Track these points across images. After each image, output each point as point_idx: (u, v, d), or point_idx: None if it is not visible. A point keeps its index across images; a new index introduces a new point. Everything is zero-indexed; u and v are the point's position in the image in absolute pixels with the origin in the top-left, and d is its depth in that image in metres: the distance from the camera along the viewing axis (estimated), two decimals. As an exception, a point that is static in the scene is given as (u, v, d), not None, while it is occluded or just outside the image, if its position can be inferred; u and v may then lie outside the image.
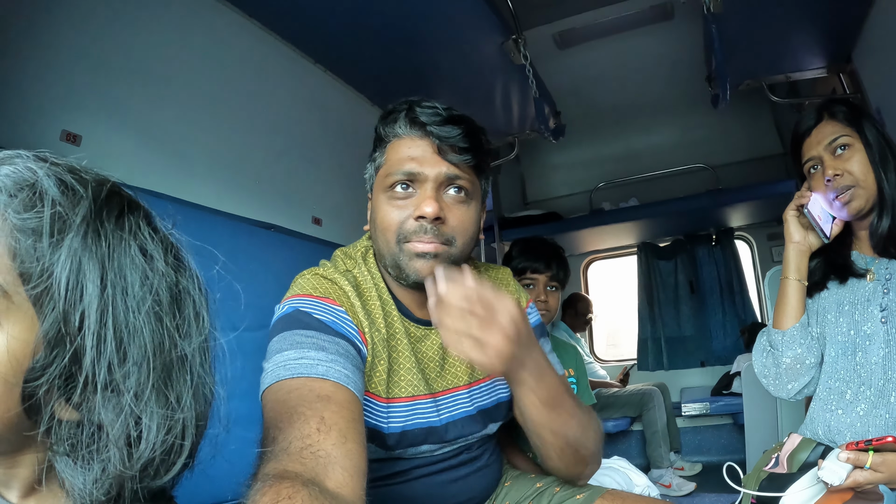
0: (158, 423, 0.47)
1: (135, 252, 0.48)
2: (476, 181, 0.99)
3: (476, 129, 0.97)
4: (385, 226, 0.95)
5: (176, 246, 0.53)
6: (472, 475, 1.07)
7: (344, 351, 0.84)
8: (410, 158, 0.94)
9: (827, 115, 1.21)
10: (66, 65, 1.26)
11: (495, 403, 1.07)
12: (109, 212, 0.47)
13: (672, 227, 4.04)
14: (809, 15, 1.92)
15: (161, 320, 0.48)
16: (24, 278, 0.43)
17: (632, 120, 3.54)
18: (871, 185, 1.15)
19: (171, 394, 0.48)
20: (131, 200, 0.51)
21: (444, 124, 0.93)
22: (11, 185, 0.45)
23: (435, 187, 0.93)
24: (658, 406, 3.37)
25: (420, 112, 0.94)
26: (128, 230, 0.48)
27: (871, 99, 2.05)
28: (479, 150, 0.96)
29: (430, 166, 0.93)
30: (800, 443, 1.17)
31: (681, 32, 2.35)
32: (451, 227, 0.94)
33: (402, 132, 0.96)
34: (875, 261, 1.18)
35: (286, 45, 1.84)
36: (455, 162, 0.93)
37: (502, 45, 1.93)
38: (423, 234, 0.92)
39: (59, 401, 0.45)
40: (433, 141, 0.93)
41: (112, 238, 0.47)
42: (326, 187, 2.13)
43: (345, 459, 0.67)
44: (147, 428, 0.46)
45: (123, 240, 0.47)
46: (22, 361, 0.43)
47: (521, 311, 0.80)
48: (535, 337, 0.87)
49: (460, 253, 0.96)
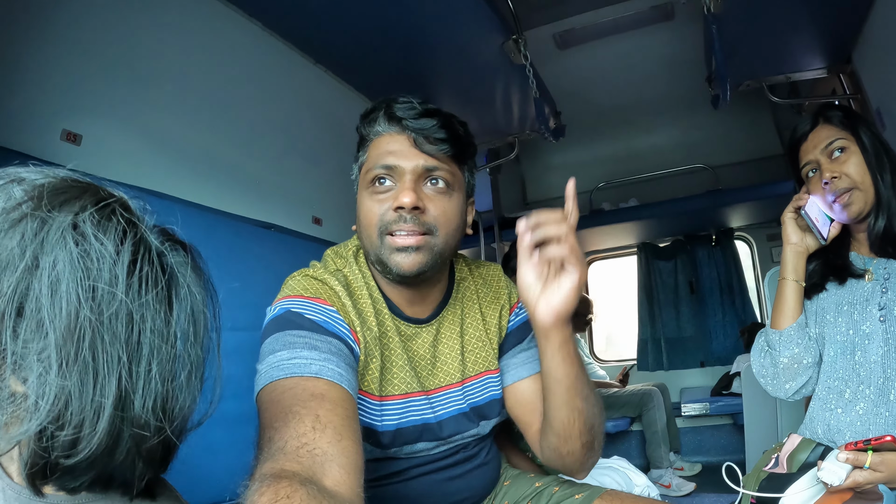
0: (49, 391, 0.46)
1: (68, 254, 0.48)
2: (457, 172, 1.00)
3: (452, 121, 0.98)
4: (367, 220, 0.96)
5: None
6: (469, 473, 1.07)
7: (336, 350, 0.85)
8: (389, 153, 0.95)
9: (822, 119, 1.24)
10: (66, 64, 1.26)
11: (488, 400, 1.07)
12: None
13: (672, 227, 4.04)
14: (809, 15, 1.92)
15: (94, 298, 0.48)
16: None
17: (632, 120, 3.54)
18: (869, 188, 1.16)
19: (84, 369, 0.48)
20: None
21: (420, 117, 0.95)
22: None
23: (413, 179, 0.94)
24: (658, 406, 3.37)
25: (397, 108, 0.96)
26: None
27: (871, 99, 2.05)
28: (456, 141, 0.97)
29: (407, 159, 0.94)
30: (799, 443, 1.17)
31: (681, 33, 2.35)
32: (433, 216, 0.94)
33: (382, 129, 0.98)
34: (873, 261, 1.19)
35: (286, 45, 1.84)
36: (432, 153, 0.95)
37: (503, 46, 1.93)
38: (402, 223, 0.92)
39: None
40: (410, 135, 0.95)
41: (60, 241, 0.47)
42: (326, 187, 2.13)
43: (341, 457, 0.68)
44: (37, 393, 0.46)
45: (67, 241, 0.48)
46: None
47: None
48: None
49: (444, 244, 0.96)
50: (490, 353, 1.09)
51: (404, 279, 0.96)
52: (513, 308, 1.15)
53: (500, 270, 1.20)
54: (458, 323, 1.08)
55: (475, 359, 1.08)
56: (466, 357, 1.07)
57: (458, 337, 1.07)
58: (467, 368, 1.06)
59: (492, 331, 1.11)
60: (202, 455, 1.21)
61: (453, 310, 1.08)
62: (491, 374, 1.09)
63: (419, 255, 0.93)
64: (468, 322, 1.09)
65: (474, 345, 1.08)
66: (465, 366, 1.06)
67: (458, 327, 1.07)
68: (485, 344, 1.09)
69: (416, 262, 0.93)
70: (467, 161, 1.03)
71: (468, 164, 1.04)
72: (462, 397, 1.05)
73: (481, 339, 1.09)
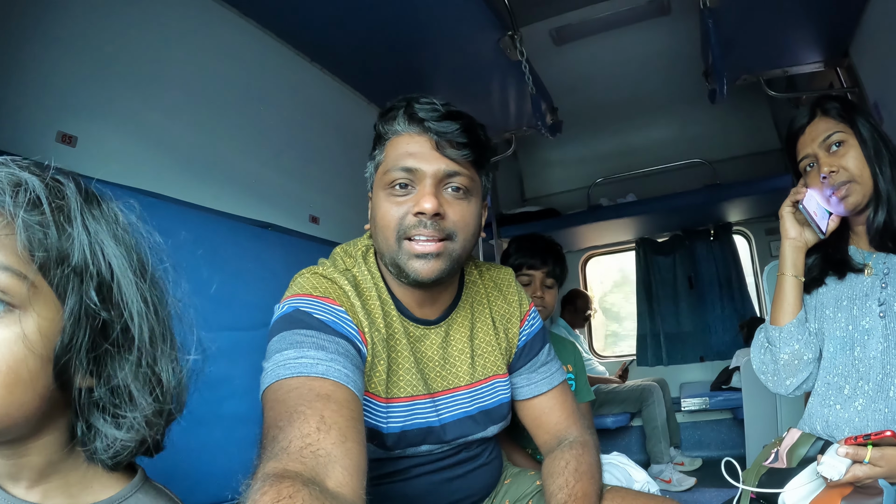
0: (172, 366, 0.58)
1: (115, 229, 0.55)
2: (476, 177, 0.98)
3: (474, 125, 0.96)
4: (385, 223, 0.94)
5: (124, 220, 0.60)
6: (471, 473, 1.07)
7: (344, 350, 0.84)
8: (409, 154, 0.93)
9: (820, 112, 1.21)
10: (61, 65, 1.25)
11: (497, 404, 1.07)
12: (88, 198, 0.55)
13: (670, 222, 4.04)
14: (806, 9, 1.92)
15: (145, 281, 0.57)
16: (43, 270, 0.50)
17: (629, 115, 3.54)
18: (867, 181, 1.15)
19: (169, 340, 0.58)
20: (87, 185, 0.58)
21: (443, 120, 0.93)
22: (8, 187, 0.49)
23: (434, 183, 0.92)
24: (657, 401, 3.38)
25: (418, 108, 0.94)
26: (103, 212, 0.55)
27: (868, 93, 2.05)
28: (477, 146, 0.95)
29: (428, 162, 0.92)
30: (799, 437, 1.17)
31: (677, 27, 2.34)
32: (452, 222, 0.93)
33: (401, 129, 0.96)
34: (872, 255, 1.18)
35: (282, 44, 1.83)
36: (454, 157, 0.93)
37: (499, 42, 1.92)
38: (422, 228, 0.91)
39: (79, 370, 0.52)
40: (431, 137, 0.93)
41: (101, 220, 0.54)
42: (323, 186, 2.13)
43: (345, 458, 0.67)
44: (165, 371, 0.57)
45: (106, 221, 0.55)
46: (52, 339, 0.50)
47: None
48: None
49: (462, 249, 0.95)
50: (499, 358, 1.09)
51: (420, 284, 0.95)
52: (525, 316, 1.15)
53: (512, 275, 1.19)
54: (468, 326, 1.07)
55: (484, 362, 1.07)
56: (476, 360, 1.06)
57: (467, 340, 1.06)
58: (477, 372, 1.06)
59: (502, 335, 1.11)
60: (202, 455, 1.21)
61: (463, 312, 1.08)
62: (500, 378, 1.09)
63: (438, 262, 0.92)
64: (478, 325, 1.09)
65: (484, 348, 1.08)
66: (475, 369, 1.06)
67: (468, 330, 1.07)
68: (494, 348, 1.09)
69: (434, 268, 0.92)
70: (486, 166, 1.02)
71: (486, 168, 1.02)
72: (469, 400, 1.04)
73: (491, 343, 1.09)
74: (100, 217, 0.54)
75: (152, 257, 0.59)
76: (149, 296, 0.56)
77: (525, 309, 1.15)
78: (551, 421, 1.11)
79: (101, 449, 0.54)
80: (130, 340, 0.54)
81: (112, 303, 0.53)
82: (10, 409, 0.48)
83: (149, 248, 0.59)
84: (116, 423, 0.54)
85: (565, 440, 1.07)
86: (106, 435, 0.54)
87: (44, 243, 0.49)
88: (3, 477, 0.53)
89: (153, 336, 0.56)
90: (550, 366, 1.15)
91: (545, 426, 1.11)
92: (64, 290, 0.51)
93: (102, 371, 0.53)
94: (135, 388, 0.54)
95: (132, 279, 0.55)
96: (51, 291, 0.50)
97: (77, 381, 0.52)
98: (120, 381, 0.54)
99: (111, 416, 0.54)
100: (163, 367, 0.57)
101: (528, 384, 1.13)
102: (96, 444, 0.54)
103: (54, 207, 0.50)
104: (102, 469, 0.57)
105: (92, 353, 0.52)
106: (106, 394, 0.54)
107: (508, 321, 1.12)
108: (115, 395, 0.54)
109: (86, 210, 0.53)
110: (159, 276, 0.59)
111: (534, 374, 1.13)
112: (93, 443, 0.54)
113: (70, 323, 0.50)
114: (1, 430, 0.49)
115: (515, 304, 1.14)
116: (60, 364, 0.50)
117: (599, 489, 1.00)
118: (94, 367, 0.53)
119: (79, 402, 0.53)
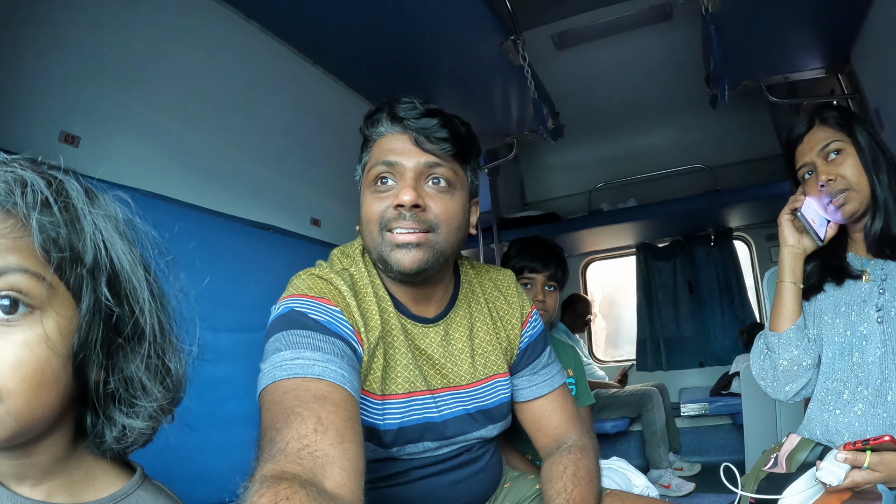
0: (178, 355, 0.60)
1: (117, 225, 0.56)
2: (459, 171, 1.01)
3: (453, 120, 0.99)
4: (367, 217, 0.97)
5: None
6: (472, 477, 1.07)
7: (340, 351, 0.84)
8: (390, 150, 0.97)
9: (818, 120, 1.23)
10: (64, 66, 1.25)
11: (497, 404, 1.08)
12: (89, 195, 0.55)
13: (671, 227, 4.04)
14: (808, 15, 1.92)
15: (150, 274, 0.58)
16: (58, 269, 0.50)
17: (630, 121, 3.54)
18: (865, 189, 1.16)
19: (174, 331, 0.60)
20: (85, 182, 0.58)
21: (421, 117, 0.96)
22: (17, 188, 0.49)
23: (414, 177, 0.95)
24: (657, 406, 3.37)
25: (399, 108, 0.98)
26: (104, 208, 0.55)
27: (869, 99, 2.05)
28: (457, 140, 0.98)
29: (408, 157, 0.96)
30: (798, 443, 1.17)
31: (679, 33, 2.34)
32: (434, 214, 0.95)
33: (385, 130, 1.00)
34: (870, 262, 1.19)
35: (285, 46, 1.83)
36: (433, 151, 0.96)
37: (501, 46, 1.93)
38: (402, 220, 0.93)
39: (94, 366, 0.53)
40: (412, 134, 0.96)
41: (105, 217, 0.55)
42: (325, 188, 2.13)
43: (342, 459, 0.67)
44: (173, 361, 0.59)
45: (109, 217, 0.55)
46: (70, 337, 0.51)
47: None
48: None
49: (446, 242, 0.97)
50: (500, 357, 1.10)
51: (406, 276, 0.96)
52: (526, 319, 1.16)
53: (513, 278, 1.20)
54: (468, 325, 1.08)
55: (485, 361, 1.08)
56: (476, 360, 1.07)
57: (467, 339, 1.07)
58: (477, 371, 1.06)
59: (502, 335, 1.12)
60: (202, 455, 1.21)
61: (461, 311, 1.08)
62: (500, 378, 1.09)
63: (419, 252, 0.93)
64: (477, 324, 1.09)
65: (484, 347, 1.09)
66: (476, 368, 1.06)
67: (468, 329, 1.08)
68: (494, 347, 1.09)
69: (416, 258, 0.93)
70: (470, 161, 1.04)
71: (471, 163, 1.04)
72: (469, 399, 1.05)
73: (491, 343, 1.09)
74: (103, 214, 0.54)
75: (152, 251, 0.60)
76: (155, 289, 0.58)
77: (527, 311, 1.16)
78: (551, 424, 1.12)
79: (113, 440, 0.55)
80: (141, 334, 0.55)
81: (123, 298, 0.54)
82: (37, 412, 0.49)
83: (148, 242, 0.60)
84: (134, 413, 0.56)
85: (564, 444, 1.08)
86: (123, 426, 0.55)
87: (58, 243, 0.50)
88: (8, 477, 0.53)
89: (161, 328, 0.58)
90: (551, 368, 1.16)
91: (545, 429, 1.12)
92: (79, 288, 0.51)
93: (115, 364, 0.55)
94: (147, 379, 0.56)
95: (141, 273, 0.56)
96: (66, 290, 0.51)
97: (92, 376, 0.53)
98: (133, 373, 0.55)
99: (128, 406, 0.55)
100: (171, 357, 0.59)
101: (530, 386, 1.13)
102: (106, 436, 0.55)
103: (62, 206, 0.51)
104: (106, 465, 0.58)
105: (105, 347, 0.53)
106: (121, 386, 0.55)
107: (509, 322, 1.13)
108: (129, 386, 0.55)
109: (91, 207, 0.53)
110: (160, 269, 0.60)
111: (535, 377, 1.14)
112: (103, 435, 0.55)
113: (86, 320, 0.51)
114: (26, 431, 0.49)
115: (517, 306, 1.15)
116: (77, 361, 0.51)
117: (598, 493, 1.00)
118: (106, 361, 0.54)
119: (96, 396, 0.54)
